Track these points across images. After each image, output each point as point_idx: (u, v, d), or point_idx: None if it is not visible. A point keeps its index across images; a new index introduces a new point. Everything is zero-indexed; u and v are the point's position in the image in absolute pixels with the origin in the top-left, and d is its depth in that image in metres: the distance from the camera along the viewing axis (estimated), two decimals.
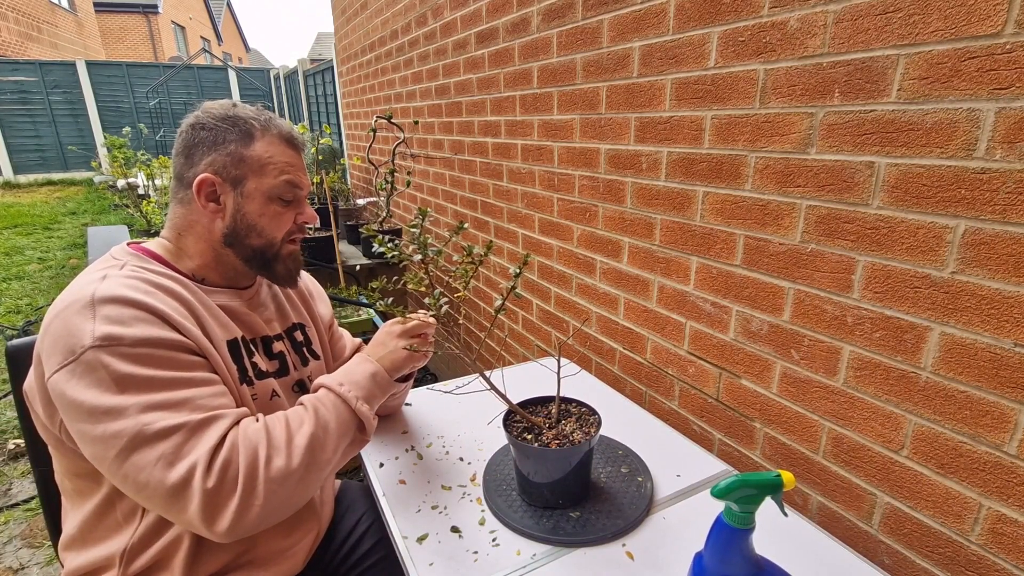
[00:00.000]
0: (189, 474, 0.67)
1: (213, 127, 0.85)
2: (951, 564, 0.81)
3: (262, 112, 0.90)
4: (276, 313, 1.02)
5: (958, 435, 0.78)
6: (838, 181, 0.88)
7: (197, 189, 0.84)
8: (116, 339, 0.69)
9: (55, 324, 0.72)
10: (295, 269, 0.96)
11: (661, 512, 0.91)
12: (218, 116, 0.86)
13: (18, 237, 5.97)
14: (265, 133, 0.87)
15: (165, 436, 0.68)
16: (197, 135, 0.86)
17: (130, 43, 17.87)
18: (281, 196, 0.88)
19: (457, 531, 0.87)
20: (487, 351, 2.29)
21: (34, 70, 9.47)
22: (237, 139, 0.85)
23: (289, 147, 0.90)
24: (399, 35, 2.75)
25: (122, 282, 0.75)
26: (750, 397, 1.10)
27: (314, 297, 1.14)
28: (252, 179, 0.86)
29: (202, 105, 0.89)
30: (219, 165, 0.85)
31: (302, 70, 6.53)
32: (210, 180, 0.84)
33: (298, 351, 1.02)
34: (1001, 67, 0.68)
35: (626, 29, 1.26)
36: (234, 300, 0.92)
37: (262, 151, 0.86)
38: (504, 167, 1.91)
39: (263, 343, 0.95)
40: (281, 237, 0.91)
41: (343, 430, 0.81)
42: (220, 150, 0.85)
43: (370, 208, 3.68)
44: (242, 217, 0.87)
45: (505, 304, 0.85)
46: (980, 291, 0.73)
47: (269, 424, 0.76)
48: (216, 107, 0.88)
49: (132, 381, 0.69)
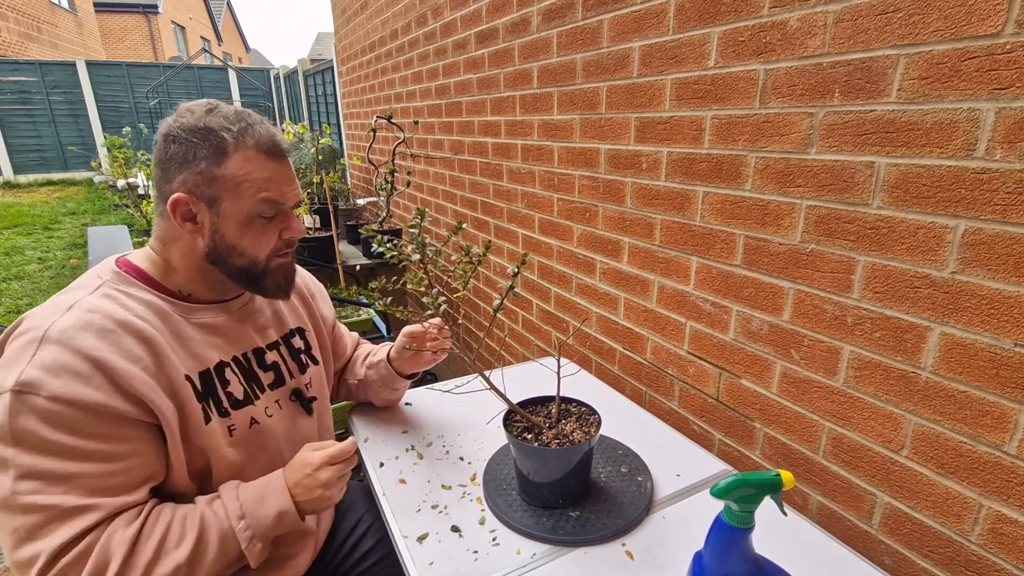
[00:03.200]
0: (30, 562, 0.65)
1: (184, 141, 0.78)
2: (951, 564, 0.81)
3: (239, 118, 0.81)
4: (272, 319, 0.98)
5: (958, 435, 0.78)
6: (838, 181, 0.88)
7: (172, 209, 0.79)
8: (34, 387, 0.66)
9: (8, 347, 0.71)
10: (286, 282, 0.91)
11: (661, 512, 0.91)
12: (189, 128, 0.78)
13: (18, 237, 5.97)
14: (239, 147, 0.79)
15: (28, 512, 0.66)
16: (169, 149, 0.80)
17: (130, 43, 17.87)
18: (261, 214, 0.83)
19: (457, 531, 0.87)
20: (487, 351, 2.29)
21: (34, 70, 9.47)
22: (208, 156, 0.78)
23: (268, 159, 0.82)
24: (399, 35, 2.75)
25: (81, 318, 0.72)
26: (750, 397, 1.10)
27: (315, 297, 1.11)
28: (227, 199, 0.80)
29: (179, 108, 0.82)
30: (192, 184, 0.79)
31: (302, 70, 6.53)
32: (184, 200, 0.79)
33: (295, 358, 0.99)
34: (1001, 67, 0.68)
35: (626, 29, 1.26)
36: (220, 315, 0.88)
37: (236, 169, 0.79)
38: (504, 167, 1.91)
39: (255, 356, 0.92)
40: (265, 256, 0.85)
41: (225, 562, 0.76)
42: (192, 168, 0.79)
43: (370, 208, 3.69)
44: (221, 238, 0.82)
45: (504, 303, 0.85)
46: (980, 291, 0.73)
47: (142, 535, 0.71)
48: (188, 117, 0.80)
49: (27, 438, 0.66)
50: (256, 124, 0.82)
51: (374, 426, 1.17)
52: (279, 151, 0.84)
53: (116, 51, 17.40)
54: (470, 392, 1.20)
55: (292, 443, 0.93)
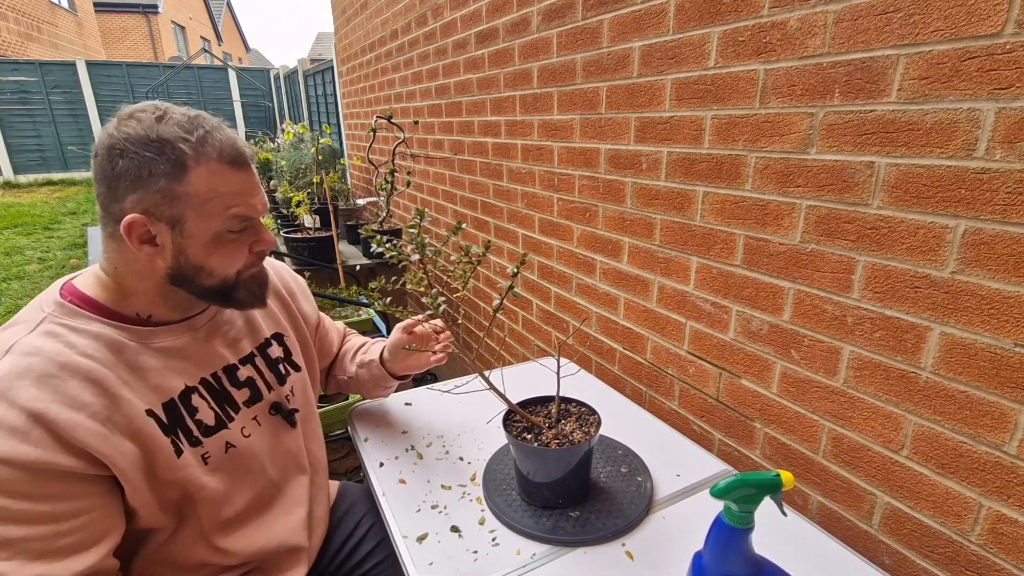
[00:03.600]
0: None
1: (135, 155, 0.69)
2: (951, 564, 0.81)
3: (194, 124, 0.72)
4: (245, 329, 0.92)
5: (958, 435, 0.78)
6: (838, 181, 0.88)
7: (127, 232, 0.71)
8: None
9: None
10: (260, 289, 0.86)
11: (661, 512, 0.91)
12: (139, 141, 0.69)
13: (18, 237, 5.97)
14: (200, 158, 0.71)
15: None
16: (116, 164, 0.70)
17: (130, 43, 17.87)
18: (230, 230, 0.76)
19: (457, 531, 0.87)
20: (487, 351, 2.29)
21: (34, 70, 9.47)
22: (167, 172, 0.70)
23: (234, 170, 0.75)
24: (399, 35, 2.75)
25: (18, 364, 0.66)
26: (750, 397, 1.10)
27: (295, 295, 1.05)
28: (192, 218, 0.73)
29: (120, 113, 0.72)
30: (149, 204, 0.71)
31: (302, 70, 6.53)
32: (140, 221, 0.71)
33: (273, 368, 0.94)
34: (1001, 67, 0.68)
35: (626, 29, 1.26)
36: (184, 335, 0.82)
37: (201, 185, 0.72)
38: (504, 167, 1.91)
39: (227, 374, 0.86)
40: (236, 271, 0.80)
41: None
42: (148, 186, 0.70)
43: (370, 208, 3.69)
44: (186, 259, 0.75)
45: (504, 303, 0.85)
46: (980, 291, 0.73)
47: None
48: (135, 126, 0.70)
49: None
50: (214, 130, 0.74)
51: (374, 426, 1.17)
52: (243, 159, 0.77)
53: (116, 51, 17.41)
54: (470, 392, 1.20)
55: (275, 459, 0.90)
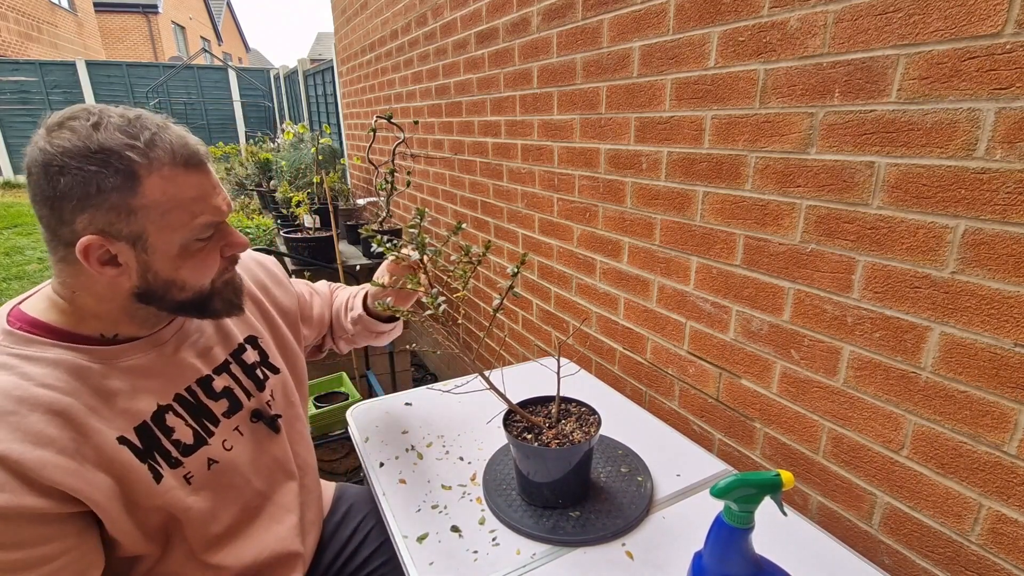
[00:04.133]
0: None
1: (76, 171, 0.62)
2: (951, 564, 0.81)
3: (137, 128, 0.65)
4: (216, 336, 0.87)
5: (958, 435, 0.78)
6: (838, 181, 0.88)
7: (84, 256, 0.65)
8: None
9: None
10: (236, 296, 0.81)
11: (661, 512, 0.91)
12: (78, 154, 0.62)
13: (18, 237, 5.97)
14: (153, 165, 0.65)
15: None
16: (57, 184, 0.62)
17: (130, 43, 17.87)
18: (198, 239, 0.71)
19: (457, 530, 0.87)
20: (487, 351, 2.29)
21: (34, 70, 9.47)
22: (117, 186, 0.63)
23: (190, 172, 0.69)
24: (399, 35, 2.75)
25: None
26: (750, 397, 1.10)
27: (268, 289, 1.00)
28: (153, 232, 0.67)
29: (47, 122, 0.65)
30: (103, 223, 0.64)
31: (302, 70, 6.53)
32: (96, 243, 0.65)
33: (250, 374, 0.90)
34: (1001, 67, 0.68)
35: (626, 29, 1.26)
36: (151, 352, 0.77)
37: (158, 194, 0.65)
38: (504, 167, 1.91)
39: (201, 387, 0.82)
40: (210, 280, 0.76)
41: None
42: (98, 204, 0.63)
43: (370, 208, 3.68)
44: (155, 276, 0.70)
45: (504, 303, 0.85)
46: (980, 291, 0.73)
47: None
48: (70, 139, 0.62)
49: None
50: (160, 131, 0.67)
51: (374, 426, 1.17)
52: (198, 159, 0.70)
53: (116, 51, 17.40)
54: (470, 392, 1.20)
55: (260, 469, 0.88)
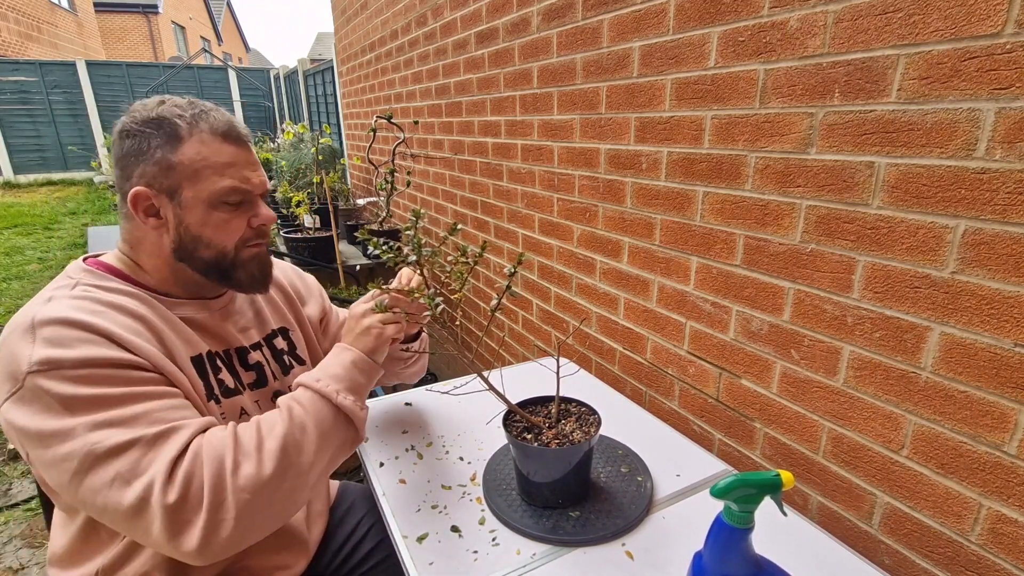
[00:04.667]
0: (147, 492, 0.62)
1: (137, 133, 0.77)
2: (951, 564, 0.81)
3: (192, 105, 0.80)
4: (254, 320, 0.96)
5: (958, 435, 0.78)
6: (838, 181, 0.88)
7: (133, 204, 0.78)
8: (55, 363, 0.64)
9: (0, 350, 0.68)
10: (261, 273, 0.88)
11: (661, 512, 0.91)
12: (141, 120, 0.77)
13: (18, 237, 5.97)
14: (194, 131, 0.78)
15: (118, 453, 0.63)
16: (124, 145, 0.78)
17: (130, 43, 17.87)
18: (225, 200, 0.80)
19: (457, 531, 0.87)
20: (487, 351, 2.29)
21: (34, 70, 9.47)
22: (162, 144, 0.77)
23: (226, 143, 0.80)
24: (399, 35, 2.75)
25: (66, 303, 0.70)
26: (750, 397, 1.10)
27: (303, 298, 1.08)
28: (187, 187, 0.78)
29: (132, 106, 0.80)
30: (150, 176, 0.77)
31: (302, 70, 6.53)
32: (144, 194, 0.77)
33: (279, 359, 0.97)
34: (1001, 67, 0.68)
35: (626, 29, 1.26)
36: (201, 312, 0.86)
37: (193, 154, 0.77)
38: (504, 167, 1.91)
39: (237, 355, 0.90)
40: (233, 245, 0.83)
41: (324, 428, 0.75)
42: (147, 159, 0.77)
43: (370, 208, 3.69)
44: (185, 230, 0.79)
45: (503, 303, 0.85)
46: (980, 291, 0.73)
47: (239, 430, 0.71)
48: (141, 109, 0.79)
49: (78, 402, 0.64)
50: (211, 111, 0.81)
51: (374, 426, 1.17)
52: (236, 134, 0.82)
53: (116, 51, 17.40)
54: (470, 392, 1.20)
55: None
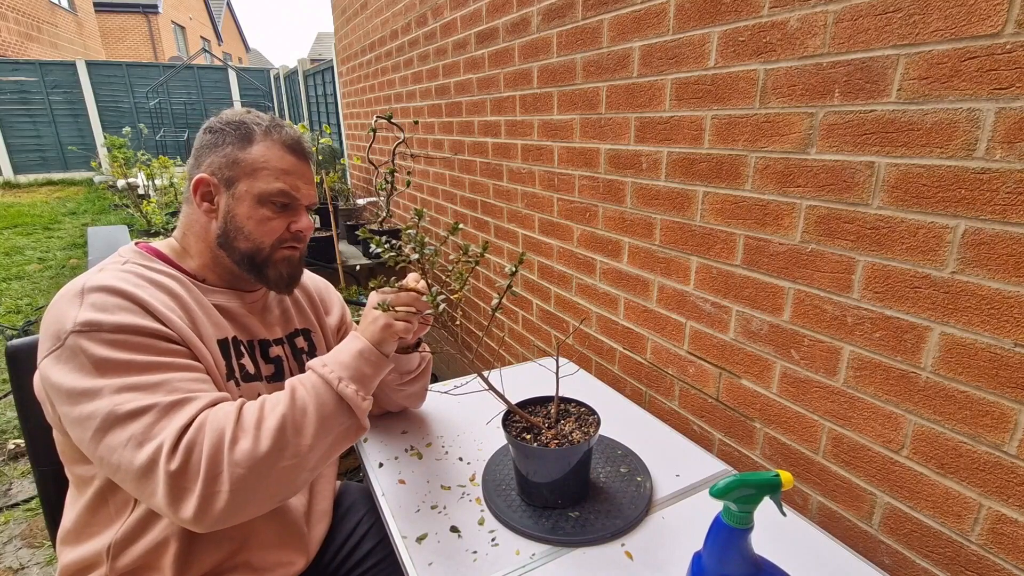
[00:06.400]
0: (155, 455, 0.67)
1: (218, 130, 0.88)
2: (951, 564, 0.81)
3: (272, 119, 0.90)
4: (280, 318, 1.01)
5: (958, 435, 0.78)
6: (838, 181, 0.88)
7: (194, 188, 0.87)
8: (96, 325, 0.71)
9: (49, 313, 0.75)
10: (289, 275, 0.94)
11: (660, 512, 0.91)
12: (226, 120, 0.88)
13: (18, 237, 5.97)
14: (266, 137, 0.88)
15: (136, 416, 0.68)
16: (204, 138, 0.89)
17: (130, 43, 17.87)
18: (272, 200, 0.87)
19: (456, 531, 0.87)
20: (487, 351, 2.29)
21: (34, 70, 9.47)
22: (235, 141, 0.87)
23: (289, 153, 0.89)
24: (399, 35, 2.75)
25: (114, 274, 0.78)
26: (750, 397, 1.10)
27: (327, 305, 1.13)
28: (244, 181, 0.87)
29: (221, 111, 0.92)
30: (216, 166, 0.87)
31: (302, 70, 6.53)
32: (206, 180, 0.87)
33: (297, 358, 1.01)
34: (1001, 67, 0.68)
35: (626, 29, 1.26)
36: (233, 301, 0.92)
37: (258, 154, 0.87)
38: (504, 167, 1.91)
39: (260, 346, 0.95)
40: (270, 243, 0.89)
41: (324, 413, 0.76)
42: (219, 152, 0.87)
43: (370, 208, 3.69)
44: (231, 219, 0.87)
45: (502, 303, 0.85)
46: (980, 291, 0.73)
47: (244, 407, 0.74)
48: (229, 113, 0.90)
49: (109, 364, 0.70)
50: (286, 126, 0.91)
51: (374, 426, 1.17)
52: (300, 148, 0.91)
53: (116, 51, 17.40)
54: (469, 393, 1.20)
55: None
